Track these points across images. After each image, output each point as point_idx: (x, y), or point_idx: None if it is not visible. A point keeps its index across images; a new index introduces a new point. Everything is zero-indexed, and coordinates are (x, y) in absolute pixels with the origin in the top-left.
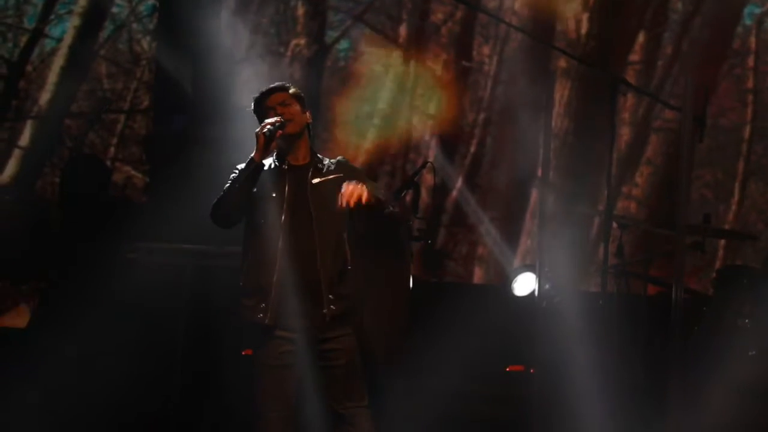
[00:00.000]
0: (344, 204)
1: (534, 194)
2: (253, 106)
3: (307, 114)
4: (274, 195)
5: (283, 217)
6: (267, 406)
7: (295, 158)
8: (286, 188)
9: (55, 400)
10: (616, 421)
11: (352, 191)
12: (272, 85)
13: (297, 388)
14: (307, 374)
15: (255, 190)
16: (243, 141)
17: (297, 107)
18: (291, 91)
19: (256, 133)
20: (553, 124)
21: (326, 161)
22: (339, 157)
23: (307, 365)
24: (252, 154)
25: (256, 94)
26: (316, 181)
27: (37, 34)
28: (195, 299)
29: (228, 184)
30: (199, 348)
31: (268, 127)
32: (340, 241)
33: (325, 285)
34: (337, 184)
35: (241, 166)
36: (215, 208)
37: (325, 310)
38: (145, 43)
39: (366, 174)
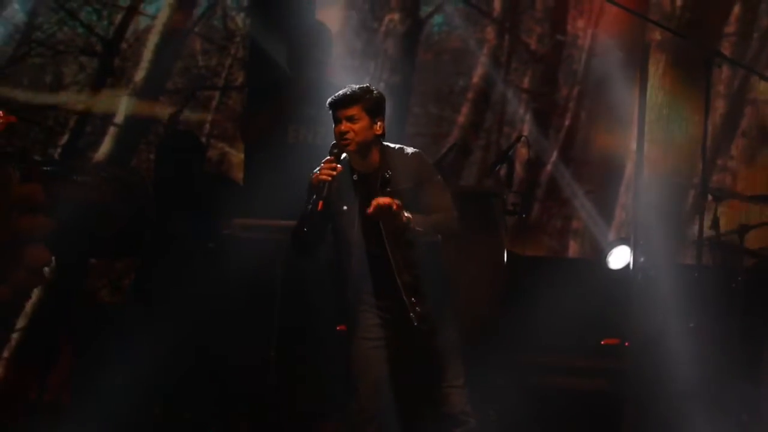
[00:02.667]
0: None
1: (629, 167)
2: (327, 105)
3: (378, 125)
4: (345, 209)
5: (355, 230)
6: (357, 378)
7: (363, 166)
8: (357, 200)
9: (151, 375)
10: (712, 394)
11: (381, 209)
12: (344, 94)
13: (388, 364)
14: (401, 353)
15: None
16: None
17: (364, 122)
18: (362, 103)
19: (312, 184)
20: (648, 97)
21: (399, 160)
22: (413, 150)
23: (401, 344)
24: (314, 199)
25: (331, 98)
26: (384, 191)
27: (132, 12)
28: (290, 276)
29: (299, 221)
30: (295, 324)
31: (322, 180)
32: (414, 246)
33: (405, 290)
34: (407, 194)
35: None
36: (293, 240)
37: (412, 314)
38: (239, 19)
39: (437, 177)
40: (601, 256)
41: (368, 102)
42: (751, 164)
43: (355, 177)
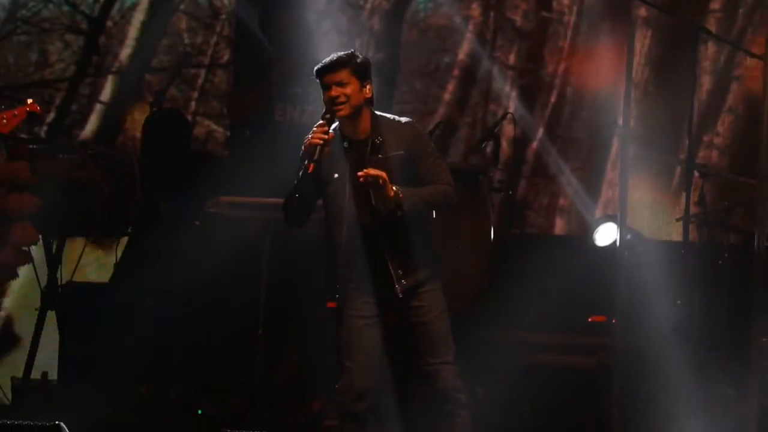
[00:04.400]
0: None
1: (615, 144)
2: (314, 73)
3: (367, 89)
4: (336, 176)
5: (346, 198)
6: (346, 354)
7: (354, 133)
8: (348, 168)
9: (136, 353)
10: (698, 370)
11: (370, 178)
12: (330, 60)
13: (378, 341)
14: (391, 330)
15: (320, 172)
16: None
17: (354, 86)
18: (350, 67)
19: (304, 148)
20: (634, 73)
21: (390, 127)
22: (405, 119)
23: (392, 322)
24: (305, 163)
25: (318, 65)
26: (375, 158)
27: None
28: (276, 252)
29: (292, 189)
30: (281, 300)
31: (314, 144)
32: (407, 217)
33: (392, 262)
34: (398, 161)
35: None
36: (285, 212)
37: (397, 286)
38: None
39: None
40: (588, 233)
41: (356, 65)
42: (738, 140)
43: (345, 144)
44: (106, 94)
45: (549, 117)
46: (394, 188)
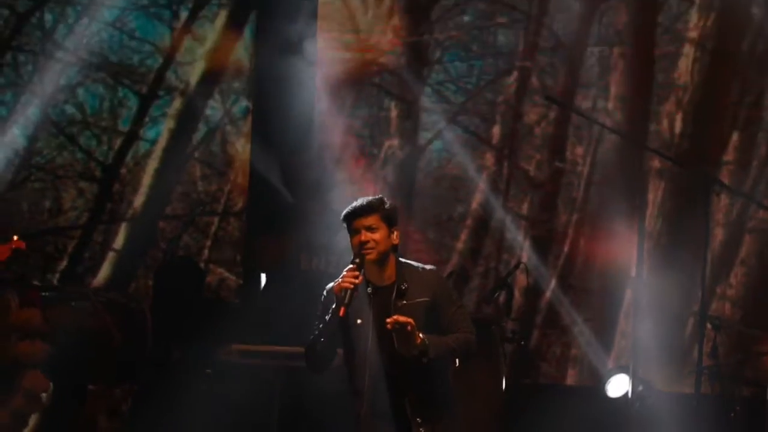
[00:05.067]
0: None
1: (628, 295)
2: (342, 218)
3: (395, 235)
4: (359, 322)
5: (369, 345)
6: None
7: (380, 279)
8: (371, 314)
9: None
10: None
11: (398, 325)
12: (361, 205)
13: None
14: None
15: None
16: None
17: (383, 231)
18: (380, 213)
19: (334, 292)
20: (647, 224)
21: (415, 274)
22: (430, 267)
23: None
24: (332, 308)
25: (349, 206)
26: (400, 304)
27: (132, 137)
28: (288, 401)
29: (315, 334)
30: None
31: (345, 288)
32: (429, 365)
33: (411, 410)
34: (423, 308)
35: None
36: (308, 357)
37: None
38: (239, 145)
39: (456, 286)
40: (600, 383)
41: (385, 211)
42: (750, 292)
43: (369, 290)
44: (119, 241)
45: (562, 267)
46: (420, 335)
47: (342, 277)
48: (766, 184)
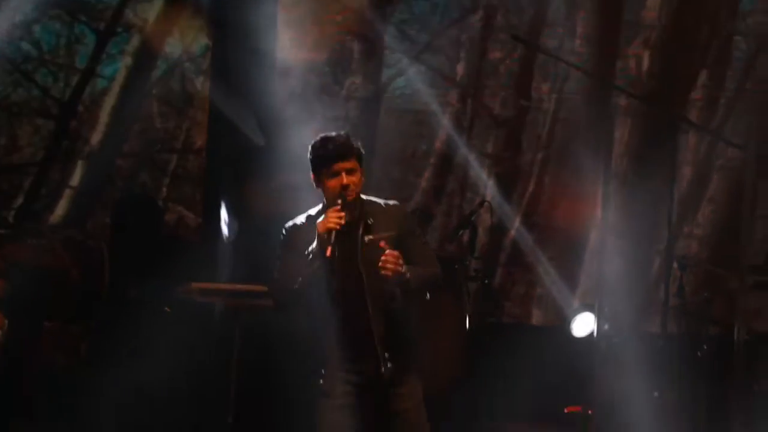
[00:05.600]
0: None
1: (593, 233)
2: (313, 155)
3: (363, 174)
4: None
5: (335, 281)
6: None
7: (346, 216)
8: (338, 252)
9: None
10: None
11: (389, 264)
12: (341, 146)
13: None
14: (370, 419)
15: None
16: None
17: (359, 173)
18: (357, 154)
19: (318, 229)
20: (613, 163)
21: (379, 209)
22: (393, 202)
23: (370, 410)
24: (313, 247)
25: (321, 146)
26: (367, 239)
27: (89, 74)
28: (248, 340)
29: (280, 271)
30: (253, 389)
31: (330, 228)
32: (393, 297)
33: (380, 345)
34: (389, 242)
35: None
36: (278, 295)
37: (382, 370)
38: (198, 82)
39: (419, 223)
40: (565, 323)
41: (359, 152)
42: (718, 231)
43: None
44: (76, 178)
45: (526, 205)
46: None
47: (326, 217)
48: (734, 123)
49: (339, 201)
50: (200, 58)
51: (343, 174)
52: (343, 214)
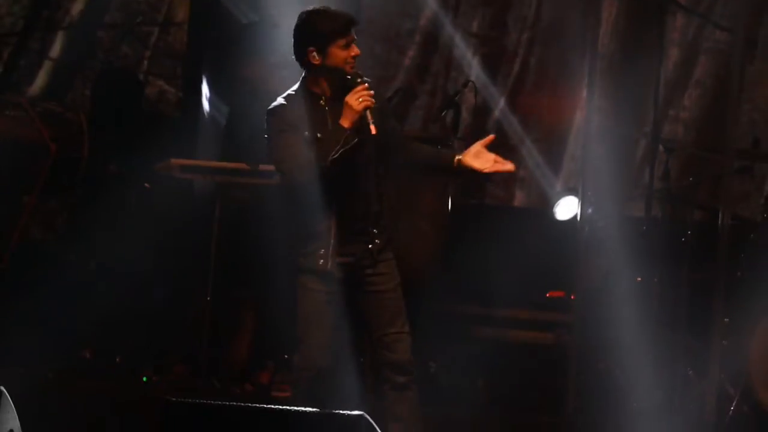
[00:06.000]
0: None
1: (578, 115)
2: (317, 27)
3: None
4: (319, 135)
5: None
6: (307, 331)
7: (330, 92)
8: (330, 125)
9: (82, 317)
10: (659, 347)
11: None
12: (350, 16)
13: (337, 316)
14: (347, 301)
15: (307, 133)
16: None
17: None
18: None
19: (354, 108)
20: (600, 43)
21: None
22: (366, 80)
23: (350, 292)
24: (346, 126)
25: (327, 17)
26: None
27: None
28: (228, 217)
29: (285, 150)
30: (232, 267)
31: (368, 106)
32: (381, 173)
33: (370, 219)
34: (375, 113)
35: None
36: (294, 174)
37: (371, 245)
38: None
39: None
40: (548, 206)
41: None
42: (704, 115)
43: (321, 102)
44: (56, 50)
45: (511, 86)
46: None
47: (356, 95)
48: (723, 4)
49: (362, 78)
50: None
51: (353, 46)
52: (372, 92)
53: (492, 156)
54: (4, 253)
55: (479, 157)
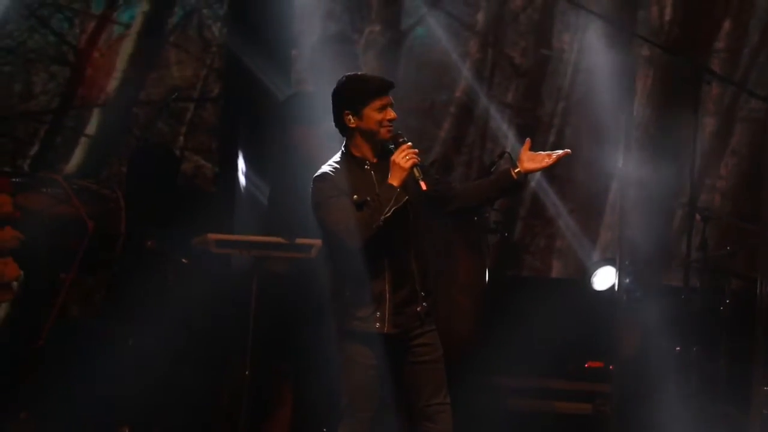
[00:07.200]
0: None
1: (614, 186)
2: (353, 90)
3: None
4: (368, 199)
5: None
6: (358, 405)
7: (371, 155)
8: (376, 188)
9: (120, 393)
10: (698, 418)
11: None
12: (385, 80)
13: (382, 388)
14: (391, 373)
15: (353, 197)
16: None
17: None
18: None
19: (402, 166)
20: (635, 114)
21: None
22: (405, 138)
23: (393, 363)
24: (396, 185)
25: (362, 81)
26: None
27: (105, 20)
28: (265, 290)
29: (338, 215)
30: (271, 339)
31: (416, 163)
32: (424, 234)
33: (418, 282)
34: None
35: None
36: (349, 239)
37: (418, 308)
38: (216, 29)
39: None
40: (586, 276)
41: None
42: (741, 184)
43: (367, 166)
44: (92, 127)
45: None
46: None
47: (402, 153)
48: (758, 73)
49: (399, 138)
50: (217, 4)
51: (389, 108)
52: (416, 150)
53: (543, 153)
54: (43, 330)
55: (533, 160)
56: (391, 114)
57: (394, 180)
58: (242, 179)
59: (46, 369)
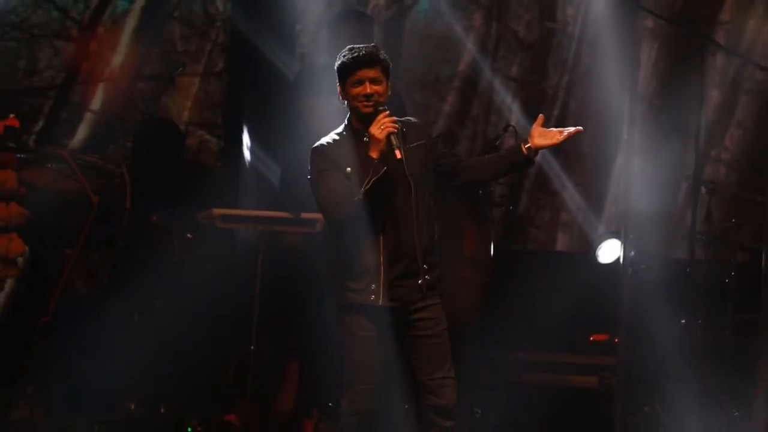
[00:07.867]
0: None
1: (619, 159)
2: (339, 64)
3: (389, 88)
4: (348, 170)
5: (389, 191)
6: (357, 377)
7: (363, 126)
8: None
9: (126, 368)
10: (704, 390)
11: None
12: (366, 54)
13: (384, 361)
14: (393, 345)
15: (348, 169)
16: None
17: (384, 84)
18: (382, 64)
19: (377, 137)
20: (640, 86)
21: (405, 121)
22: (410, 119)
23: (395, 336)
24: (374, 157)
25: (347, 54)
26: (405, 147)
27: None
28: (271, 265)
29: (328, 188)
30: (275, 314)
31: (391, 131)
32: (431, 208)
33: (420, 255)
34: (423, 150)
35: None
36: (334, 212)
37: (420, 281)
38: (220, 3)
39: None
40: (591, 249)
41: (386, 63)
42: (746, 156)
43: (366, 139)
44: (96, 102)
45: None
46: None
47: (379, 123)
48: (763, 45)
49: (381, 108)
50: None
51: (367, 83)
52: (393, 118)
53: (555, 130)
54: (48, 306)
55: (544, 136)
56: (366, 89)
57: (373, 152)
58: (247, 154)
59: (51, 344)
